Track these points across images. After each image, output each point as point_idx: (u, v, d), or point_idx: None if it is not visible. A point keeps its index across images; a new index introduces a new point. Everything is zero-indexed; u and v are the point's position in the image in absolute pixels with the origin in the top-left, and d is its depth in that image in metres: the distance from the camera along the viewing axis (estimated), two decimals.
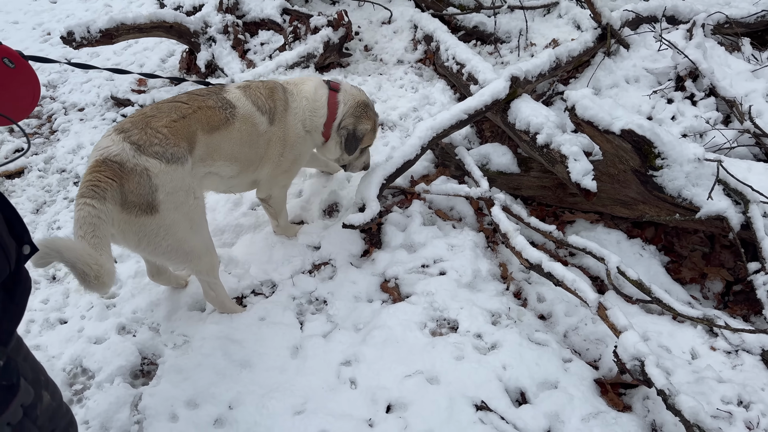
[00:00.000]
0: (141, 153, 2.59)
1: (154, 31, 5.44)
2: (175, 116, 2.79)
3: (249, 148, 3.14)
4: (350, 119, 3.46)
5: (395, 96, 5.03)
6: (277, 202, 3.57)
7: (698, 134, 4.07)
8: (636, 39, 4.79)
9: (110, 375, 3.05)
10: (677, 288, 3.49)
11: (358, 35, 5.87)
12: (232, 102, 3.04)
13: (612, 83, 4.59)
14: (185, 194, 2.75)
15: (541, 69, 4.29)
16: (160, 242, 2.74)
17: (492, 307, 3.35)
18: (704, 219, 3.37)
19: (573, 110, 3.49)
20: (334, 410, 2.79)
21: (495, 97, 3.98)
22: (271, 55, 5.45)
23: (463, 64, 4.68)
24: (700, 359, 3.00)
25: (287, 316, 3.28)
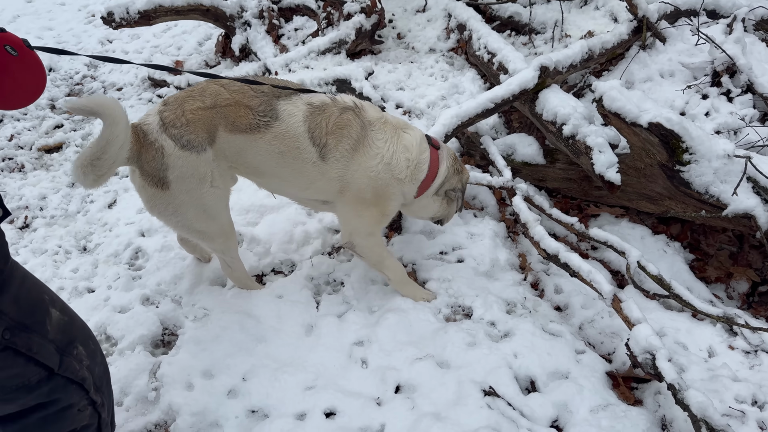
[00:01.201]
0: (163, 131, 2.65)
1: (191, 14, 5.55)
2: (207, 104, 2.70)
3: (277, 166, 2.87)
4: (455, 179, 3.17)
5: (424, 84, 5.03)
6: (366, 251, 3.15)
7: (732, 131, 3.97)
8: (673, 32, 4.68)
9: (132, 343, 3.16)
10: (700, 286, 3.42)
11: (392, 23, 5.88)
12: (278, 113, 2.77)
13: (646, 77, 4.49)
14: (198, 182, 2.74)
15: (573, 60, 4.23)
16: (170, 216, 2.82)
17: (508, 296, 3.34)
18: (731, 217, 3.29)
19: (600, 101, 3.44)
20: (344, 387, 2.84)
21: (523, 87, 3.95)
22: (304, 40, 5.51)
23: (494, 53, 4.65)
24: (717, 357, 2.95)
25: (304, 295, 3.34)
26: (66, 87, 5.92)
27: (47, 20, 7.25)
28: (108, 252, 3.81)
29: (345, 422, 2.69)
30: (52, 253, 3.85)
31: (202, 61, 5.91)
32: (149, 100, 5.49)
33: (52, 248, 3.89)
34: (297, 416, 2.75)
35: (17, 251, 3.89)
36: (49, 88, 5.82)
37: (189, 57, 6.07)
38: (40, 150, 4.95)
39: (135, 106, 5.40)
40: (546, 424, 2.68)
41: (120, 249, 3.82)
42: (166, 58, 6.10)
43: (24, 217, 4.21)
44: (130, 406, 2.88)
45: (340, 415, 2.73)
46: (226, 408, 2.80)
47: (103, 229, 4.05)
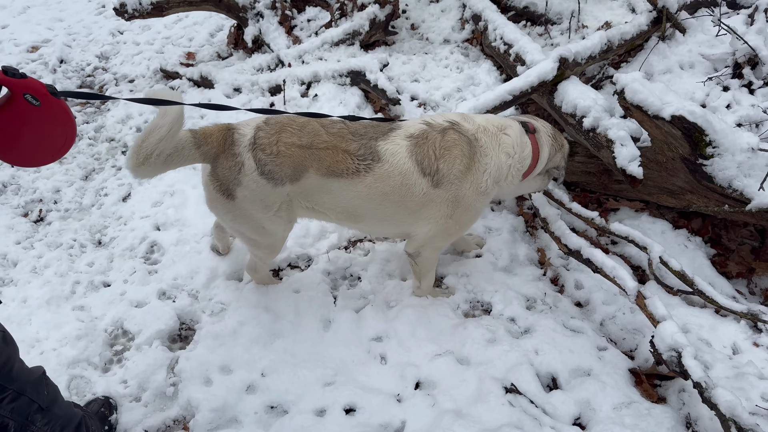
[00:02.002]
0: (251, 150, 2.61)
1: (204, 5, 5.50)
2: (303, 142, 2.64)
3: (378, 207, 2.79)
4: (558, 156, 3.14)
5: (439, 76, 4.97)
6: (426, 263, 3.10)
7: (754, 124, 3.89)
8: (693, 23, 4.60)
9: (149, 338, 3.15)
10: (722, 281, 3.37)
11: (405, 13, 5.81)
12: (379, 154, 2.68)
13: (665, 68, 4.42)
14: (263, 207, 2.72)
15: (591, 51, 4.17)
16: (226, 221, 2.87)
17: (527, 291, 3.31)
18: (755, 211, 3.23)
19: (622, 94, 3.38)
20: (363, 383, 2.82)
21: (542, 79, 3.89)
22: (317, 31, 5.46)
23: (511, 44, 4.59)
24: (741, 355, 2.91)
25: (321, 289, 3.31)
26: (78, 79, 5.90)
27: (57, 11, 7.22)
28: (123, 246, 3.79)
29: (365, 419, 2.67)
30: (67, 247, 3.84)
31: (214, 52, 5.87)
32: None
33: (67, 242, 3.88)
34: (317, 412, 2.73)
35: (32, 245, 3.88)
36: (61, 80, 5.80)
37: (201, 48, 6.03)
38: None
39: None
40: (569, 421, 2.65)
41: (135, 243, 3.80)
42: (177, 49, 6.06)
43: (38, 211, 4.20)
44: (149, 401, 2.88)
45: (360, 411, 2.71)
46: (245, 404, 2.79)
47: (117, 222, 4.04)
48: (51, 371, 2.95)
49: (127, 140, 4.85)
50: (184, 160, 2.58)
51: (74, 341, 3.13)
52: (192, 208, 3.92)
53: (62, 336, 3.16)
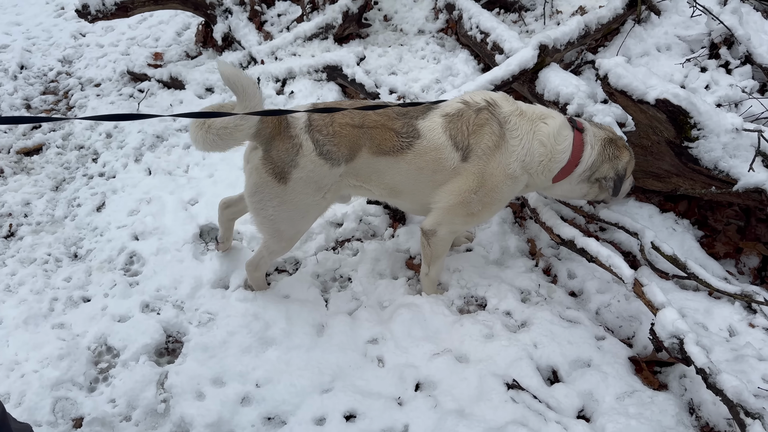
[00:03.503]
0: (308, 131, 2.68)
1: (170, 3, 5.34)
2: (356, 122, 2.73)
3: (414, 182, 2.86)
4: (606, 166, 2.94)
5: (417, 67, 4.90)
6: (440, 244, 3.03)
7: (733, 104, 3.91)
8: (668, 5, 4.59)
9: (135, 353, 3.03)
10: (712, 263, 3.38)
11: (377, 4, 5.71)
12: (419, 131, 2.77)
13: (642, 51, 4.41)
14: (315, 189, 2.77)
15: (570, 37, 4.13)
16: (269, 207, 2.82)
17: (521, 284, 3.28)
18: (741, 192, 3.24)
19: (605, 79, 3.35)
20: (362, 388, 2.76)
21: (522, 67, 3.85)
22: (288, 26, 5.33)
23: (488, 33, 4.53)
24: (738, 336, 2.91)
25: (312, 293, 3.23)
26: (40, 85, 5.68)
27: (14, 15, 6.95)
28: (101, 258, 3.65)
29: (366, 425, 2.61)
30: (41, 262, 3.68)
31: (183, 52, 5.70)
32: (130, 95, 5.28)
33: (41, 257, 3.72)
34: (316, 421, 2.66)
35: (4, 262, 3.71)
36: (23, 86, 5.58)
37: (168, 48, 5.86)
38: (19, 153, 4.74)
39: (116, 102, 5.19)
40: (573, 414, 2.63)
41: (113, 254, 3.66)
42: (144, 50, 5.87)
43: (8, 225, 4.02)
44: (139, 420, 2.77)
45: (360, 417, 2.65)
46: (240, 417, 2.71)
47: (93, 233, 3.88)
48: (34, 394, 2.83)
49: (98, 147, 4.68)
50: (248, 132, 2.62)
51: (56, 361, 2.99)
52: (170, 215, 3.79)
53: (43, 357, 3.02)
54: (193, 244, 3.58)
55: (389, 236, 3.69)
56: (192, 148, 4.41)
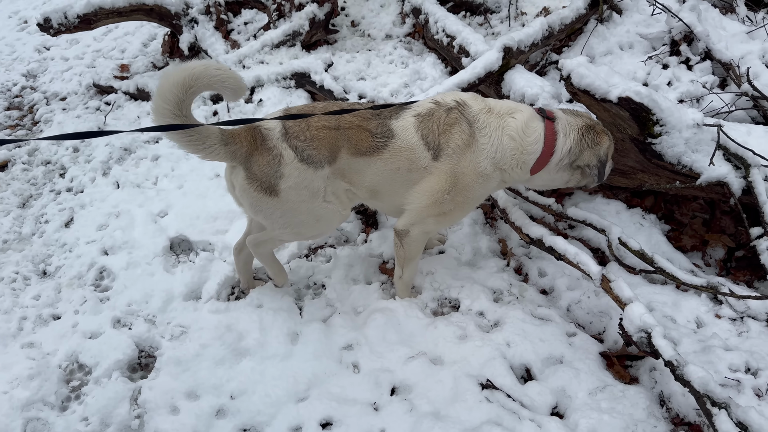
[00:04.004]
0: (285, 140, 2.67)
1: (134, 15, 5.28)
2: (332, 124, 2.74)
3: (391, 182, 2.87)
4: (588, 153, 2.94)
5: (385, 72, 4.92)
6: (413, 245, 3.04)
7: (695, 99, 3.99)
8: (629, 4, 4.68)
9: (107, 370, 2.99)
10: (679, 256, 3.44)
11: (344, 10, 5.73)
12: (393, 131, 2.79)
13: (606, 50, 4.49)
14: (310, 194, 2.77)
15: (534, 38, 4.19)
16: (277, 219, 2.83)
17: (493, 284, 3.30)
18: (705, 185, 3.31)
19: (569, 79, 3.39)
20: (338, 395, 2.75)
21: (488, 69, 3.89)
22: (255, 34, 5.32)
23: (454, 36, 4.57)
24: (705, 328, 2.97)
25: (285, 301, 3.22)
26: (4, 100, 5.59)
27: None
28: (70, 274, 3.60)
29: None
30: (9, 281, 3.61)
31: (149, 63, 5.65)
32: (97, 108, 5.22)
33: (8, 275, 3.65)
34: (292, 431, 2.65)
35: None
36: None
37: (135, 60, 5.80)
38: None
39: (82, 116, 5.12)
40: (547, 412, 2.65)
41: (83, 270, 3.61)
42: (110, 62, 5.81)
43: None
44: None
45: (336, 425, 2.65)
46: (216, 429, 2.69)
47: (62, 250, 3.83)
48: (4, 416, 2.78)
49: (65, 162, 4.62)
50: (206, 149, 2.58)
51: (26, 381, 2.93)
52: (140, 228, 3.75)
53: (12, 377, 2.96)
54: (164, 256, 3.55)
55: (362, 241, 3.70)
56: (161, 159, 4.37)
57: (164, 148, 4.47)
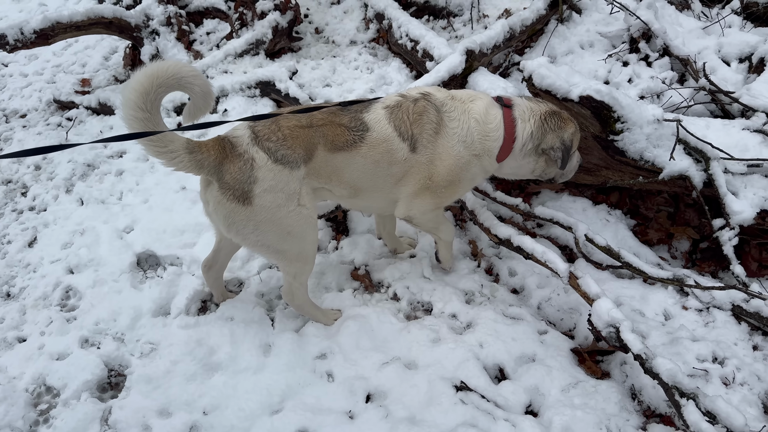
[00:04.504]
0: (255, 143, 2.61)
1: (93, 28, 5.19)
2: (303, 123, 2.70)
3: (372, 176, 2.86)
4: (551, 136, 2.95)
5: (351, 78, 4.92)
6: (423, 220, 3.07)
7: (655, 95, 4.08)
8: (588, 3, 4.76)
9: (76, 391, 2.92)
10: (646, 250, 3.50)
11: (308, 18, 5.71)
12: (367, 124, 2.79)
13: (567, 50, 4.56)
14: (285, 198, 2.68)
15: (496, 40, 4.23)
16: (249, 235, 2.72)
17: (465, 285, 3.32)
18: (667, 179, 3.38)
19: (530, 80, 3.44)
20: (312, 405, 2.73)
21: (452, 72, 3.92)
22: (218, 44, 5.28)
23: (417, 40, 4.60)
24: (673, 320, 3.02)
25: (257, 313, 3.18)
26: None
27: None
28: (35, 295, 3.51)
29: None
30: None
31: (111, 76, 5.56)
32: (58, 124, 5.12)
33: None
34: None
35: None
36: None
37: (96, 74, 5.71)
38: None
39: (43, 132, 5.02)
40: (521, 411, 2.67)
41: (48, 290, 3.52)
42: (70, 77, 5.70)
43: None
44: None
45: None
46: None
47: (26, 270, 3.73)
48: None
49: (26, 180, 4.51)
50: (168, 155, 2.51)
51: None
52: (105, 245, 3.68)
53: None
54: (131, 273, 3.49)
55: (333, 249, 3.69)
56: (125, 174, 4.30)
57: (128, 163, 4.40)
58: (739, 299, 2.97)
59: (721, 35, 4.40)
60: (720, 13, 4.67)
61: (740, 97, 3.70)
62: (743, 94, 3.71)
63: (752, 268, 3.40)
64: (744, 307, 2.94)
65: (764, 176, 3.34)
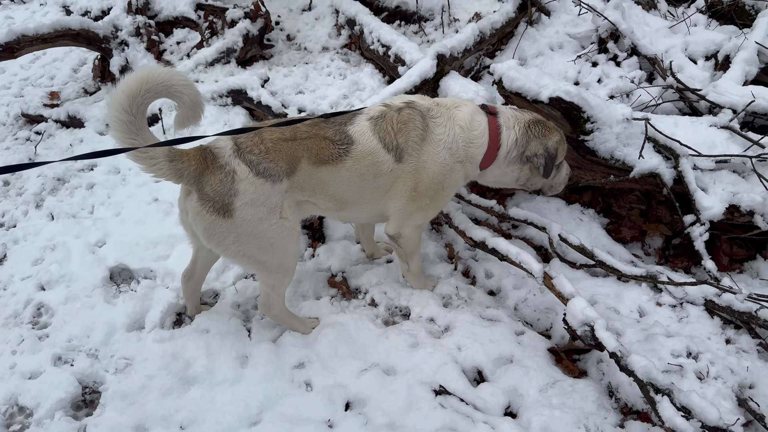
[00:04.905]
0: (237, 155, 2.59)
1: (60, 41, 5.11)
2: (287, 136, 2.68)
3: (359, 189, 2.85)
4: (535, 143, 2.95)
5: (324, 85, 4.90)
6: (409, 242, 3.10)
7: (625, 94, 4.12)
8: (556, 5, 4.81)
9: (50, 410, 2.86)
10: (619, 248, 3.53)
11: (279, 25, 5.69)
12: (352, 137, 2.77)
13: (537, 52, 4.60)
14: (267, 211, 2.65)
15: (466, 44, 4.26)
16: (230, 246, 2.70)
17: (442, 289, 3.32)
18: (638, 177, 3.42)
19: (500, 83, 3.47)
20: (291, 416, 2.71)
21: (423, 77, 3.93)
22: (189, 53, 5.23)
23: (389, 45, 4.60)
24: (647, 316, 3.05)
25: (233, 324, 3.15)
26: None
27: None
28: (6, 314, 3.43)
29: None
30: None
31: (80, 88, 5.48)
32: (27, 138, 5.03)
33: None
34: None
35: None
36: None
37: (65, 86, 5.61)
38: None
39: (12, 147, 4.92)
40: (500, 412, 2.67)
41: (19, 308, 3.45)
42: (38, 90, 5.60)
43: None
44: None
45: None
46: None
47: None
48: None
49: None
50: (147, 161, 2.50)
51: None
52: (77, 261, 3.62)
53: None
54: (104, 287, 3.44)
55: (309, 256, 3.67)
56: (96, 187, 4.24)
57: (99, 176, 4.34)
58: (711, 294, 3.01)
59: (688, 34, 4.47)
60: (686, 11, 4.75)
61: (707, 94, 3.76)
62: (710, 91, 3.77)
63: (724, 263, 3.46)
64: (716, 302, 2.98)
65: (732, 172, 3.41)
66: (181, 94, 2.45)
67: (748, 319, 2.86)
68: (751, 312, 2.82)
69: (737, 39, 4.17)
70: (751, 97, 3.56)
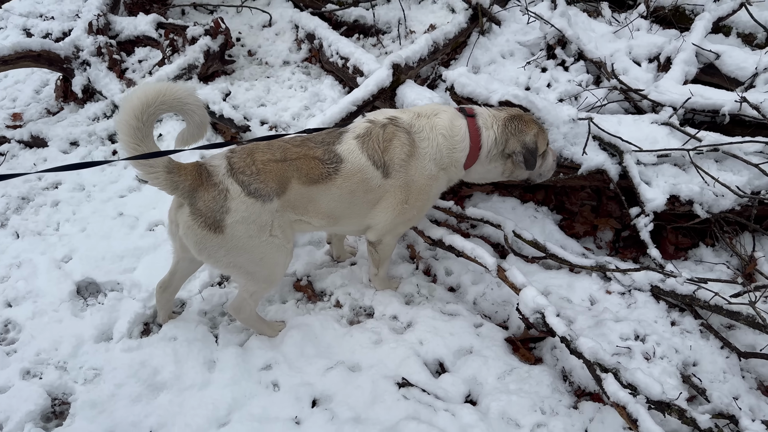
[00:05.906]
0: (231, 175, 2.67)
1: (21, 62, 5.13)
2: (277, 156, 2.75)
3: (349, 205, 2.94)
4: (513, 141, 3.06)
5: (285, 97, 5.02)
6: (386, 249, 3.23)
7: (573, 97, 4.32)
8: (506, 15, 5.01)
9: (19, 423, 2.87)
10: (572, 242, 3.70)
11: (240, 41, 5.79)
12: (340, 156, 2.84)
13: (489, 60, 4.78)
14: (258, 229, 2.73)
15: (421, 54, 4.41)
16: (221, 258, 2.78)
17: (404, 288, 3.44)
18: (586, 174, 3.60)
19: (452, 89, 3.63)
20: (259, 416, 2.78)
21: (380, 86, 4.06)
22: (151, 71, 5.29)
23: (347, 57, 4.74)
24: (598, 304, 3.21)
25: (200, 331, 3.21)
26: None
27: None
28: None
29: None
30: None
31: (43, 109, 5.49)
32: None
33: None
34: None
35: None
36: None
37: (27, 107, 5.61)
38: None
39: None
40: (461, 400, 2.79)
41: None
42: (0, 112, 5.60)
43: None
44: None
45: None
46: None
47: None
48: None
49: None
50: (147, 169, 2.56)
51: None
52: (43, 276, 3.63)
53: None
54: (71, 301, 3.46)
55: None
56: (61, 204, 4.26)
57: (64, 193, 4.36)
58: (656, 280, 3.18)
59: (631, 38, 4.70)
60: (628, 17, 4.99)
61: (649, 93, 3.97)
62: (651, 91, 3.99)
63: (670, 252, 3.65)
64: (661, 287, 3.15)
65: (673, 165, 3.60)
66: (193, 113, 2.56)
67: (690, 302, 3.04)
68: (691, 294, 2.99)
69: (677, 42, 4.41)
70: (689, 95, 3.77)
